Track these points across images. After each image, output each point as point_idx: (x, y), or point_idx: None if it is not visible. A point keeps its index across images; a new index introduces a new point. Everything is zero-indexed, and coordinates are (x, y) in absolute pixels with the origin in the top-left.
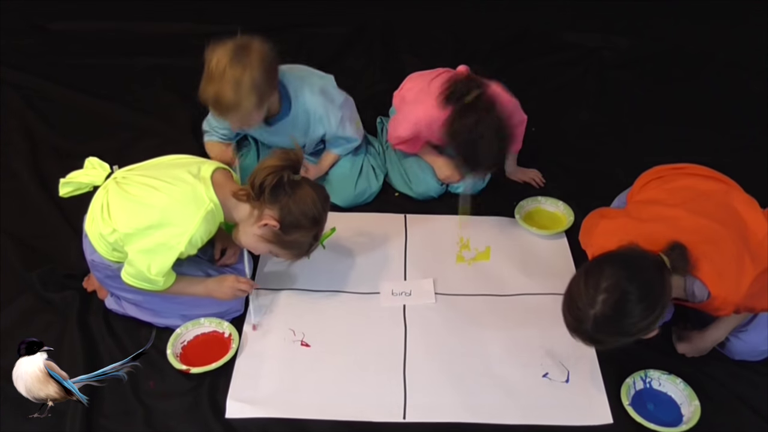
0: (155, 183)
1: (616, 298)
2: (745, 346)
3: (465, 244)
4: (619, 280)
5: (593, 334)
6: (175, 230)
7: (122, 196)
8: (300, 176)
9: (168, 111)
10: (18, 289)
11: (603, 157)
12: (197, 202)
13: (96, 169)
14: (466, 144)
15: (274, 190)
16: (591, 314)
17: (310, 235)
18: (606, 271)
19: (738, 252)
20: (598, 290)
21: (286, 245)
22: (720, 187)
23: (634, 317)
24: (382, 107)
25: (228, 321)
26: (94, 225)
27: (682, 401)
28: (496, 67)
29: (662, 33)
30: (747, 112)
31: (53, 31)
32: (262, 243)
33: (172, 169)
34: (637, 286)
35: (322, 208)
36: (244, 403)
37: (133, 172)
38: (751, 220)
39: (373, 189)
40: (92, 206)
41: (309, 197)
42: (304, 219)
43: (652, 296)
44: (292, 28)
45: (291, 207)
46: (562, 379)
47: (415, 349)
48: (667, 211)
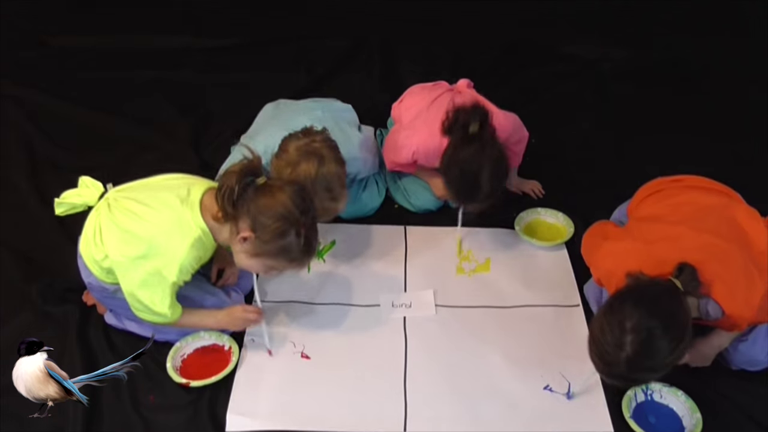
0: (142, 210)
1: (643, 337)
2: (743, 357)
3: (465, 255)
4: (641, 318)
5: (628, 375)
6: (164, 260)
7: (112, 222)
8: (264, 178)
9: (167, 124)
10: (17, 303)
11: (602, 168)
12: (183, 230)
13: (89, 189)
14: (462, 176)
15: (237, 202)
16: (622, 357)
17: (290, 234)
18: (626, 311)
19: (745, 267)
20: (624, 332)
21: (274, 255)
22: (721, 201)
23: (664, 351)
24: (381, 119)
25: (228, 334)
26: (88, 248)
27: (684, 413)
28: (495, 79)
29: (661, 44)
30: (747, 123)
31: (53, 45)
32: (251, 260)
33: (161, 192)
34: (660, 320)
35: (294, 203)
36: (244, 416)
37: (123, 193)
38: (753, 232)
39: (375, 203)
40: (86, 229)
41: (276, 197)
42: (276, 220)
43: (676, 326)
44: (291, 41)
45: (259, 213)
46: (563, 391)
47: (416, 360)
48: (670, 230)
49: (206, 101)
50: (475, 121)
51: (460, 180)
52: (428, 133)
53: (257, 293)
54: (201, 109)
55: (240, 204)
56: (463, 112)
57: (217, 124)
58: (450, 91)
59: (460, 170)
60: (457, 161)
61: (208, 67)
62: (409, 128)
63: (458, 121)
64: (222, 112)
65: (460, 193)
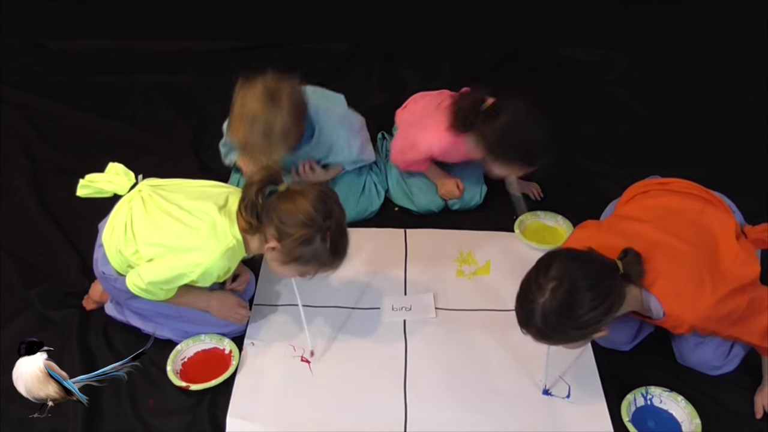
0: (181, 215)
1: (566, 287)
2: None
3: (465, 258)
4: (568, 269)
5: (542, 325)
6: (192, 259)
7: (147, 220)
8: (285, 185)
9: (168, 128)
10: (17, 308)
11: (602, 171)
12: (218, 238)
13: (120, 177)
14: (516, 139)
15: (260, 213)
16: (540, 303)
17: (316, 240)
18: (555, 263)
19: (699, 273)
20: (548, 279)
21: (304, 261)
22: (695, 206)
23: (584, 307)
24: (381, 122)
25: (229, 338)
26: (114, 239)
27: (684, 419)
28: (495, 82)
29: (661, 49)
30: (746, 128)
31: (53, 50)
32: (283, 267)
33: (199, 201)
34: (585, 276)
35: (316, 208)
36: (244, 419)
37: (159, 190)
38: (723, 241)
39: (374, 207)
40: (114, 219)
41: (297, 204)
42: (300, 228)
43: (602, 290)
44: (291, 44)
45: (281, 222)
46: (563, 394)
47: (416, 363)
48: (636, 227)
49: (206, 105)
50: (482, 95)
51: (519, 144)
52: (441, 130)
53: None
54: (201, 112)
55: (264, 214)
56: (464, 99)
57: (217, 128)
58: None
59: (513, 136)
60: (505, 127)
61: (208, 70)
62: (420, 125)
63: (468, 107)
64: (222, 116)
65: (527, 153)
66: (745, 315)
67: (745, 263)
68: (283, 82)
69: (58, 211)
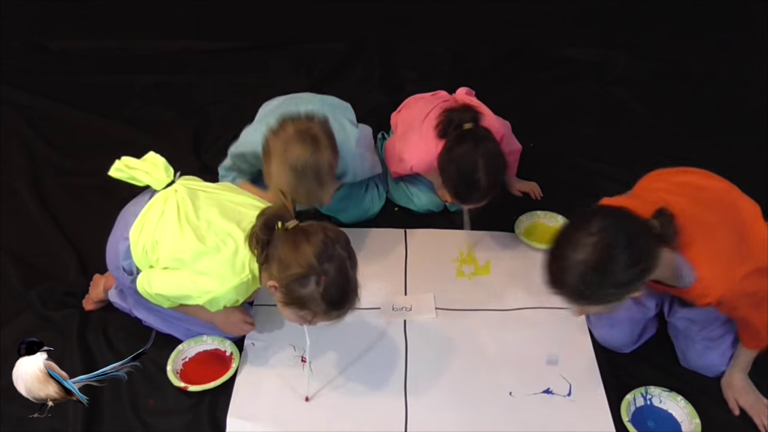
0: (207, 234)
1: (606, 242)
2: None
3: (465, 258)
4: (606, 225)
5: (579, 283)
6: (204, 285)
7: (175, 232)
8: (294, 223)
9: (168, 128)
10: (17, 308)
11: (602, 171)
12: (235, 270)
13: (158, 170)
14: (459, 174)
15: (266, 248)
16: (577, 259)
17: (310, 282)
18: (594, 219)
19: (732, 244)
20: (585, 234)
21: (299, 304)
22: (722, 185)
23: (622, 264)
24: (381, 122)
25: (230, 340)
26: (143, 238)
27: (683, 419)
28: (495, 82)
29: (661, 49)
30: (746, 128)
31: (53, 50)
32: (284, 309)
33: (229, 222)
34: (624, 233)
35: (316, 251)
36: (244, 419)
37: (194, 194)
38: (750, 221)
39: (375, 209)
40: (146, 218)
41: (298, 243)
42: (295, 268)
43: (639, 245)
44: (291, 44)
45: (280, 260)
46: (564, 393)
47: (416, 363)
48: (668, 197)
49: (206, 105)
50: (467, 119)
51: (458, 177)
52: (424, 145)
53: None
54: (201, 112)
55: (269, 251)
56: (454, 113)
57: (217, 128)
58: (446, 102)
59: (457, 168)
60: (453, 159)
61: (209, 70)
62: (403, 140)
63: (452, 122)
64: (222, 116)
65: (458, 190)
66: (764, 299)
67: None
68: (312, 121)
69: (58, 211)
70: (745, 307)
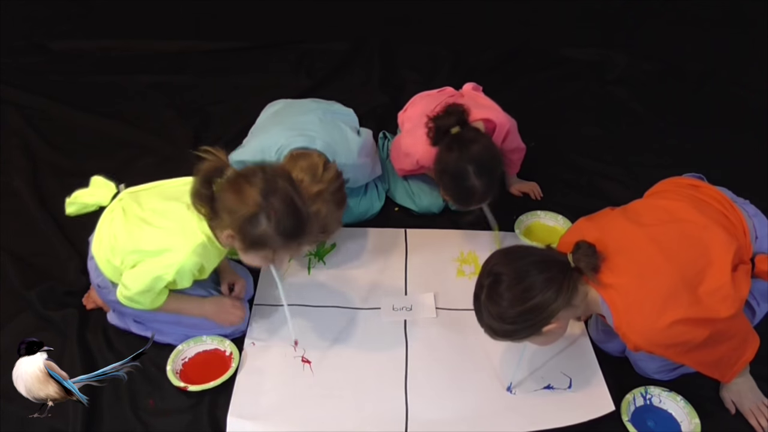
0: (153, 218)
1: (501, 279)
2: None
3: (465, 258)
4: (501, 263)
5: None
6: (165, 260)
7: (127, 229)
8: (232, 170)
9: (168, 128)
10: (17, 308)
11: (602, 171)
12: (187, 235)
13: (101, 189)
14: (453, 182)
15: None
16: (482, 298)
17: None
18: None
19: (663, 294)
20: (483, 276)
21: (260, 245)
22: (701, 221)
23: (504, 301)
24: (381, 122)
25: (230, 340)
26: (102, 250)
27: (683, 419)
28: (495, 82)
29: (661, 49)
30: (746, 128)
31: (53, 50)
32: (246, 256)
33: (171, 201)
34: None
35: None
36: (244, 419)
37: (137, 196)
38: (716, 266)
39: (375, 209)
40: (99, 230)
41: (239, 189)
42: (241, 211)
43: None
44: (291, 45)
45: (227, 209)
46: (565, 386)
47: (417, 363)
48: (623, 224)
49: (206, 105)
50: (452, 122)
51: (453, 187)
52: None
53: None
54: (201, 112)
55: (215, 204)
56: (439, 119)
57: (217, 128)
58: (452, 97)
59: (450, 177)
60: (444, 170)
61: (209, 70)
62: (411, 136)
63: (439, 129)
64: (222, 116)
65: (458, 198)
66: (699, 347)
67: (725, 299)
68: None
69: (58, 211)
70: (676, 356)
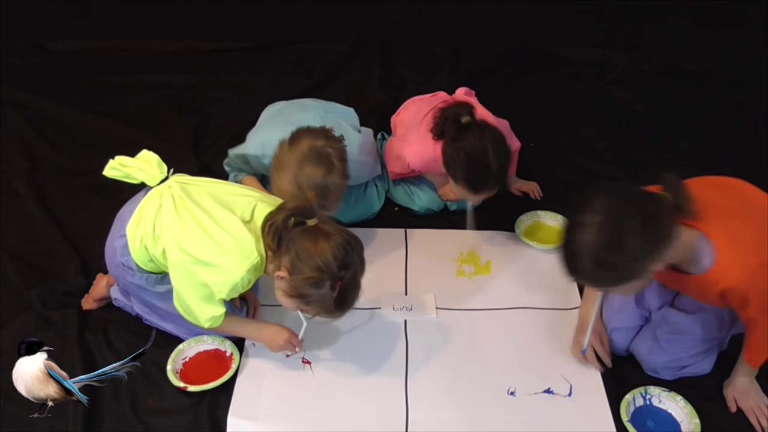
0: (208, 224)
1: (611, 218)
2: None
3: (465, 258)
4: (609, 200)
5: (593, 266)
6: (219, 278)
7: (178, 224)
8: (315, 221)
9: (168, 128)
10: (17, 308)
11: (602, 171)
12: (244, 254)
13: (152, 167)
14: (470, 161)
15: (282, 240)
16: (586, 241)
17: (325, 286)
18: (595, 198)
19: (755, 231)
20: (589, 214)
21: (306, 301)
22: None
23: (630, 236)
24: (381, 122)
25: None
26: (140, 232)
27: (683, 419)
28: (495, 82)
29: (661, 49)
30: (746, 128)
31: (53, 50)
32: (286, 299)
33: (226, 211)
34: (629, 204)
35: (335, 256)
36: (245, 419)
37: (186, 188)
38: None
39: (375, 209)
40: (142, 213)
41: (318, 245)
42: (313, 270)
43: (646, 213)
44: (291, 44)
45: (298, 257)
46: (565, 393)
47: (417, 363)
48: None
49: (206, 105)
50: (463, 113)
51: (469, 166)
52: (421, 143)
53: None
54: (201, 112)
55: (285, 242)
56: (449, 110)
57: (217, 128)
58: (444, 102)
59: (467, 156)
60: (461, 148)
61: (209, 70)
62: (403, 140)
63: (448, 119)
64: (222, 116)
65: (471, 179)
66: None
67: None
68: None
69: (58, 211)
70: (757, 306)
